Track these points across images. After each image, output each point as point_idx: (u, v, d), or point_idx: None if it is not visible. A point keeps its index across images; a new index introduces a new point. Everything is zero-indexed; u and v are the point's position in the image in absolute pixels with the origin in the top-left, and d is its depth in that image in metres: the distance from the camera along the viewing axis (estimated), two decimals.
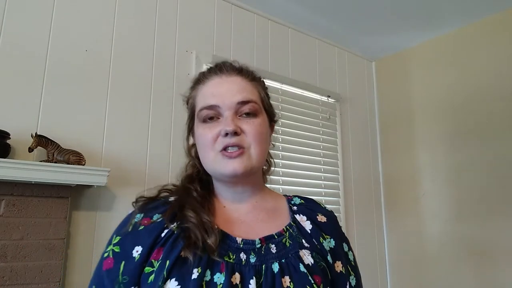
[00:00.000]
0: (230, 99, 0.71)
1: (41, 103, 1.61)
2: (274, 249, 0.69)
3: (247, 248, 0.68)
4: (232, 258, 0.65)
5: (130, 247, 0.65)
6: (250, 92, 0.74)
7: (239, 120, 0.71)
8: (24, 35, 1.62)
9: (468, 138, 2.47)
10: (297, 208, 0.79)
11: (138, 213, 0.71)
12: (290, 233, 0.73)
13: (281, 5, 2.39)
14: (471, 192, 2.43)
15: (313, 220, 0.77)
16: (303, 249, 0.70)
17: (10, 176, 1.37)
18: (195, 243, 0.63)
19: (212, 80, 0.75)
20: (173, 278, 0.61)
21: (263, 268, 0.65)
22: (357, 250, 2.65)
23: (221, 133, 0.69)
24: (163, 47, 2.01)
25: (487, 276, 2.29)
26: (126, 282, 0.63)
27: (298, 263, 0.67)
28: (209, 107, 0.71)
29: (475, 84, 2.48)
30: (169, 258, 0.62)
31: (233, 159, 0.68)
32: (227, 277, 0.62)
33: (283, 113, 2.44)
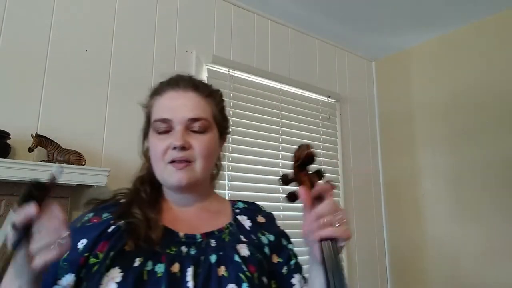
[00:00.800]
0: (182, 115, 0.75)
1: (41, 103, 1.62)
2: (214, 243, 0.75)
3: (189, 241, 0.74)
4: (174, 250, 0.72)
5: (76, 240, 0.69)
6: (202, 110, 0.77)
7: (188, 135, 0.75)
8: (24, 35, 1.62)
9: (468, 138, 2.47)
10: (240, 211, 0.86)
11: (89, 212, 0.76)
12: (230, 230, 0.80)
13: (281, 5, 2.39)
14: (471, 192, 2.43)
15: (253, 220, 0.84)
16: (240, 243, 0.77)
17: (10, 176, 1.37)
18: (138, 236, 0.69)
19: (168, 94, 0.78)
20: (117, 266, 0.66)
21: (201, 259, 0.72)
22: (357, 250, 2.66)
23: (170, 146, 0.74)
24: (163, 47, 2.01)
25: (487, 275, 2.29)
26: (65, 268, 0.68)
27: (234, 254, 0.74)
28: (162, 120, 0.76)
29: (475, 84, 2.48)
30: (113, 250, 0.68)
31: (179, 171, 0.74)
32: (167, 266, 0.68)
33: (283, 113, 2.44)
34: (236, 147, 2.16)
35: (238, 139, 2.18)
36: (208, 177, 0.84)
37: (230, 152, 2.13)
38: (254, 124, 2.27)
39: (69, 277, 0.68)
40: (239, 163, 2.16)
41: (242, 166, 2.17)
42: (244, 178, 2.17)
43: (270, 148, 2.32)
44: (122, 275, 0.66)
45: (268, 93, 2.39)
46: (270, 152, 2.32)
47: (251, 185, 2.19)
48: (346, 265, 2.55)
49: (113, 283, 0.65)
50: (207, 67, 2.14)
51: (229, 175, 2.09)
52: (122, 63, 1.86)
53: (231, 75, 2.21)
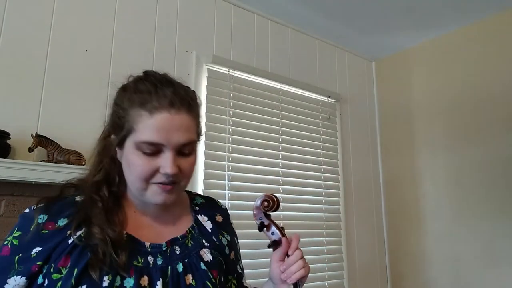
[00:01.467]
0: (176, 140, 0.70)
1: (41, 103, 1.62)
2: (178, 250, 0.77)
3: (155, 251, 0.74)
4: (140, 261, 0.71)
5: (30, 246, 0.68)
6: (192, 132, 0.74)
7: (177, 158, 0.72)
8: (24, 36, 1.62)
9: (468, 138, 2.47)
10: (199, 208, 0.88)
11: (42, 214, 0.71)
12: (192, 234, 0.81)
13: (281, 5, 2.39)
14: (471, 192, 2.43)
15: (213, 219, 0.87)
16: (203, 248, 0.80)
17: (10, 176, 1.37)
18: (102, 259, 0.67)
19: (160, 115, 0.69)
20: (84, 285, 0.64)
21: (169, 269, 0.73)
22: (357, 250, 2.66)
23: (160, 171, 0.70)
24: (163, 47, 2.01)
25: (487, 276, 2.29)
26: (18, 270, 0.67)
27: (199, 261, 0.77)
28: (153, 144, 0.69)
29: (475, 84, 2.48)
30: (77, 267, 0.66)
31: (165, 193, 0.72)
32: (136, 280, 0.68)
33: (283, 113, 2.44)
34: (236, 147, 2.16)
35: (238, 139, 2.18)
36: None
37: (230, 152, 2.13)
38: (254, 124, 2.27)
39: (19, 279, 0.67)
40: (239, 163, 2.16)
41: (242, 166, 2.17)
42: (244, 178, 2.17)
43: (270, 148, 2.32)
44: None
45: (268, 93, 2.39)
46: (270, 152, 2.32)
47: (251, 185, 2.19)
48: (346, 265, 2.55)
49: None
50: (207, 67, 2.14)
51: (229, 175, 2.09)
52: (122, 63, 1.86)
53: (231, 75, 2.21)
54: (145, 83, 0.73)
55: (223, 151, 2.11)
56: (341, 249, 2.57)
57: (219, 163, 2.08)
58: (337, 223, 2.59)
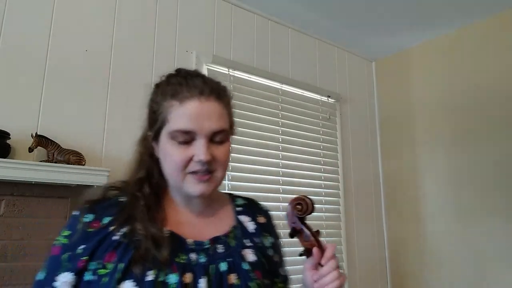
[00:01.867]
0: (208, 127, 0.72)
1: (41, 103, 1.62)
2: (221, 249, 0.77)
3: (197, 248, 0.74)
4: (183, 258, 0.72)
5: (77, 244, 0.71)
6: (224, 120, 0.76)
7: (211, 146, 0.74)
8: (24, 35, 1.62)
9: (468, 138, 2.47)
10: (241, 209, 0.87)
11: (88, 213, 0.74)
12: (235, 234, 0.81)
13: (281, 5, 2.39)
14: (470, 192, 2.43)
15: (255, 221, 0.86)
16: (246, 248, 0.79)
17: (10, 176, 1.37)
18: (144, 255, 0.68)
19: (190, 103, 0.72)
20: (129, 279, 0.66)
21: (212, 267, 0.73)
22: (357, 249, 2.65)
23: (194, 159, 0.72)
24: (163, 47, 2.01)
25: (487, 276, 2.29)
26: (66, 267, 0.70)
27: (242, 261, 0.76)
28: (186, 132, 0.72)
29: (475, 84, 2.48)
30: (123, 262, 0.68)
31: (202, 183, 0.73)
32: (180, 276, 0.68)
33: (283, 113, 2.44)
34: (236, 147, 2.16)
35: (238, 139, 2.18)
36: None
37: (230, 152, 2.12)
38: (254, 124, 2.27)
39: (68, 275, 0.69)
40: (239, 163, 2.16)
41: (242, 166, 2.17)
42: (244, 178, 2.17)
43: (270, 148, 2.32)
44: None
45: (268, 93, 2.39)
46: (270, 152, 2.32)
47: (251, 185, 2.19)
48: (346, 265, 2.55)
49: None
50: (207, 67, 2.14)
51: (229, 175, 2.09)
52: (122, 63, 1.86)
53: (231, 75, 2.21)
54: (177, 77, 0.77)
55: None
56: (341, 249, 2.57)
57: None
58: (337, 223, 2.59)
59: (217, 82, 0.79)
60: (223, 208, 0.86)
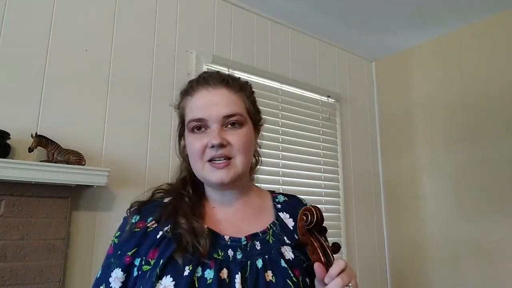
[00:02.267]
0: (216, 113, 0.75)
1: (41, 103, 1.62)
2: (259, 246, 0.76)
3: (234, 245, 0.75)
4: (221, 255, 0.73)
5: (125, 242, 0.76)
6: (235, 105, 0.78)
7: (225, 131, 0.76)
8: (24, 35, 1.62)
9: (468, 138, 2.47)
10: (281, 206, 0.86)
11: (135, 214, 0.79)
12: (274, 230, 0.80)
13: (281, 5, 2.39)
14: (471, 192, 2.43)
15: (295, 218, 0.83)
16: (284, 245, 0.77)
17: (10, 176, 1.37)
18: (186, 247, 0.71)
19: (199, 93, 0.78)
20: (168, 275, 0.68)
21: (248, 264, 0.72)
22: (357, 249, 2.65)
23: (208, 145, 0.74)
24: (163, 47, 2.01)
25: (487, 276, 2.29)
26: (115, 264, 0.74)
27: (280, 258, 0.74)
28: (197, 120, 0.76)
29: (475, 84, 2.48)
30: (163, 258, 0.70)
31: (220, 170, 0.75)
32: (216, 272, 0.69)
33: (283, 113, 2.44)
34: None
35: None
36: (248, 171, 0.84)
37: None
38: None
39: (118, 272, 0.73)
40: None
41: None
42: None
43: (270, 148, 2.32)
44: (174, 283, 0.68)
45: (268, 93, 2.39)
46: (270, 152, 2.32)
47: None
48: None
49: None
50: (207, 67, 2.14)
51: None
52: (122, 63, 1.86)
53: None
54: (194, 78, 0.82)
55: None
56: (341, 249, 2.57)
57: None
58: (337, 223, 2.59)
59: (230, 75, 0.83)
60: (263, 205, 0.86)
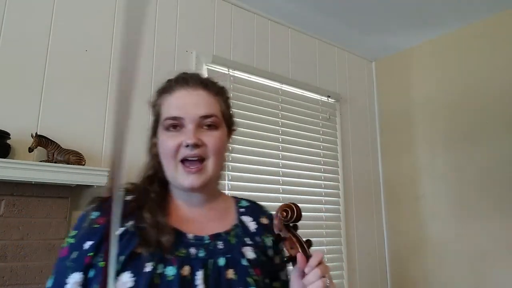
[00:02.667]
0: (194, 112, 0.76)
1: (41, 103, 1.62)
2: (221, 245, 0.77)
3: (197, 243, 0.75)
4: (183, 252, 0.73)
5: (83, 241, 0.72)
6: (212, 107, 0.79)
7: (200, 132, 0.76)
8: (24, 35, 1.62)
9: (468, 138, 2.47)
10: (244, 210, 0.88)
11: (95, 211, 0.76)
12: (236, 232, 0.81)
13: (281, 5, 2.39)
14: (471, 192, 2.43)
15: (258, 221, 0.86)
16: (246, 246, 0.79)
17: (10, 176, 1.37)
18: (149, 242, 0.70)
19: (178, 92, 0.79)
20: (128, 271, 0.67)
21: (210, 262, 0.73)
22: (357, 249, 2.65)
23: (182, 144, 0.74)
24: (163, 47, 2.01)
25: (487, 276, 2.29)
26: (72, 267, 0.70)
27: (241, 258, 0.76)
28: (174, 118, 0.76)
29: (475, 84, 2.48)
30: (124, 253, 0.68)
31: (192, 174, 0.75)
32: (178, 269, 0.69)
33: (283, 113, 2.44)
34: (236, 147, 2.16)
35: (238, 139, 2.17)
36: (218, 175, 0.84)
37: (230, 152, 2.12)
38: (254, 124, 2.27)
39: (77, 276, 0.69)
40: (239, 163, 2.16)
41: (242, 166, 2.17)
42: (244, 178, 2.17)
43: (270, 148, 2.32)
44: (133, 279, 0.66)
45: (268, 93, 2.39)
46: (270, 152, 2.32)
47: (251, 185, 2.19)
48: (346, 265, 2.55)
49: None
50: (207, 67, 2.14)
51: (229, 175, 2.09)
52: None
53: (231, 75, 2.21)
54: (171, 78, 0.83)
55: None
56: (341, 249, 2.57)
57: None
58: (337, 223, 2.59)
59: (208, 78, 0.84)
60: (226, 208, 0.87)
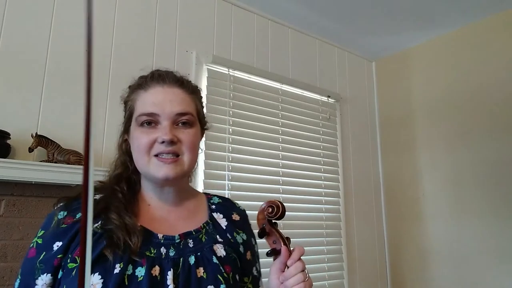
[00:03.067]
0: (170, 109, 0.76)
1: (41, 103, 1.61)
2: (191, 243, 0.77)
3: (167, 243, 0.75)
4: (153, 252, 0.73)
5: (52, 242, 0.71)
6: (188, 105, 0.80)
7: (175, 129, 0.77)
8: (24, 36, 1.62)
9: (468, 138, 2.47)
10: (215, 207, 0.88)
11: (62, 210, 0.75)
12: (207, 229, 0.82)
13: (281, 5, 2.39)
14: (471, 192, 2.43)
15: (229, 218, 0.87)
16: (217, 243, 0.79)
17: (10, 176, 1.37)
18: (117, 244, 0.69)
19: (154, 89, 0.79)
20: (96, 272, 0.66)
21: (180, 261, 0.73)
22: (357, 249, 2.65)
23: (158, 140, 0.75)
24: (163, 47, 2.01)
25: (487, 275, 2.29)
26: (42, 269, 0.70)
27: (212, 255, 0.76)
28: (149, 114, 0.76)
29: (475, 84, 2.48)
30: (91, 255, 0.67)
31: (167, 165, 0.75)
32: (147, 270, 0.69)
33: (283, 113, 2.44)
34: (236, 147, 2.16)
35: (238, 139, 2.18)
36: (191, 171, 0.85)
37: (230, 152, 2.13)
38: (254, 124, 2.27)
39: (45, 277, 0.69)
40: (239, 163, 2.16)
41: (242, 166, 2.17)
42: (244, 178, 2.17)
43: (270, 148, 2.32)
44: (102, 281, 0.66)
45: (268, 93, 2.39)
46: (270, 152, 2.32)
47: (251, 185, 2.19)
48: (346, 265, 2.55)
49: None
50: (207, 67, 2.14)
51: (229, 175, 2.09)
52: (122, 63, 1.86)
53: (231, 75, 2.21)
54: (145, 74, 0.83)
55: (223, 151, 2.11)
56: (341, 249, 2.57)
57: (219, 163, 2.08)
58: (337, 223, 2.59)
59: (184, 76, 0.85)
60: (198, 205, 0.87)
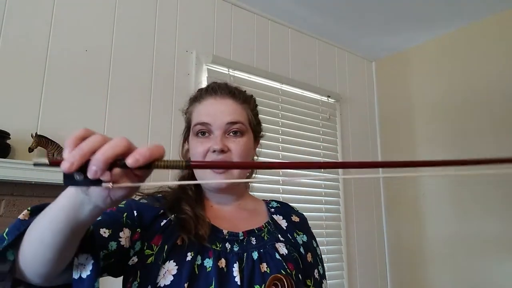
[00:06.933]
0: (221, 119, 0.81)
1: (41, 103, 1.62)
2: (254, 241, 0.81)
3: (232, 239, 0.79)
4: (219, 246, 0.77)
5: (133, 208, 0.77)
6: (239, 114, 0.84)
7: (227, 138, 0.81)
8: (24, 35, 1.62)
9: (468, 138, 2.47)
10: (274, 210, 0.92)
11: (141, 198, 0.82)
12: (268, 229, 0.85)
13: (281, 5, 2.39)
14: (471, 192, 2.43)
15: (288, 219, 0.90)
16: (278, 242, 0.82)
17: (10, 176, 1.37)
18: (189, 232, 0.75)
19: (207, 100, 0.84)
20: (172, 259, 0.72)
21: (244, 256, 0.77)
22: (357, 249, 2.65)
23: (210, 149, 0.79)
24: (163, 47, 2.01)
25: (487, 275, 2.29)
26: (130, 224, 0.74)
27: (274, 252, 0.79)
28: (202, 123, 0.82)
29: (475, 84, 2.48)
30: (167, 244, 0.74)
31: (219, 175, 0.80)
32: (215, 261, 0.73)
33: (283, 113, 2.44)
34: None
35: None
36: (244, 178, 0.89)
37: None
38: None
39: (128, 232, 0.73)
40: None
41: None
42: None
43: (270, 148, 2.32)
44: (177, 268, 0.71)
45: (268, 93, 2.39)
46: (270, 152, 2.32)
47: (251, 185, 2.18)
48: (346, 265, 2.55)
49: (169, 275, 0.71)
50: (207, 67, 2.14)
51: None
52: (122, 63, 1.86)
53: (231, 75, 2.21)
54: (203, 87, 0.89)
55: None
56: (341, 249, 2.57)
57: None
58: (337, 223, 2.59)
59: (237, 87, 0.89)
60: (257, 208, 0.91)
